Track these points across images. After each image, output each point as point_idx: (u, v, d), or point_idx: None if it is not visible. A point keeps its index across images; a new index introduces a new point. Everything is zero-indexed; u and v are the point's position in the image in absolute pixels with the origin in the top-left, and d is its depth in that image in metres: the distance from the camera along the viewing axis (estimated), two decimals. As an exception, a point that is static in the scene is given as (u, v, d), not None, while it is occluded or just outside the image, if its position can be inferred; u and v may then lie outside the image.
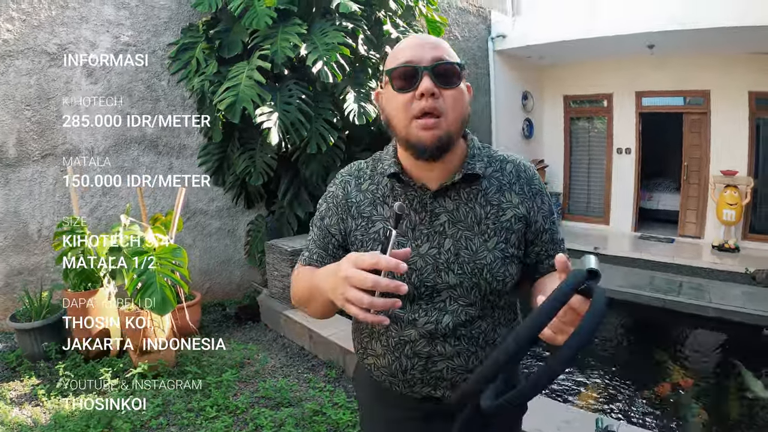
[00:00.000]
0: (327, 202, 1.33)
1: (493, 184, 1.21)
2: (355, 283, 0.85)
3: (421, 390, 1.24)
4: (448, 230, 1.18)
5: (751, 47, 7.21)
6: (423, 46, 1.12)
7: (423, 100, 1.08)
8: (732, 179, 7.67)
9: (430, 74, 1.08)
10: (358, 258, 0.87)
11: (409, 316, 1.19)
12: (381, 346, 1.26)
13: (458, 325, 1.18)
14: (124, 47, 4.71)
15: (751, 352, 4.65)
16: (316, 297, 1.09)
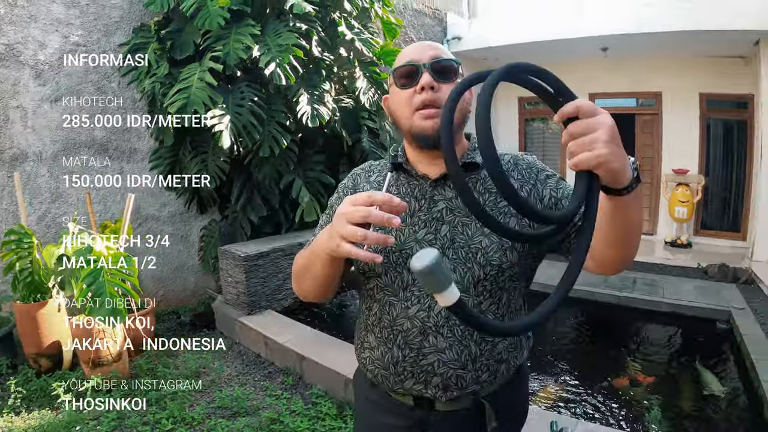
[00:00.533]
0: (338, 192, 1.40)
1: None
2: (350, 217, 0.91)
3: (412, 387, 1.24)
4: (446, 217, 1.21)
5: (702, 50, 7.46)
6: (423, 48, 1.21)
7: (423, 93, 1.16)
8: (683, 177, 7.93)
9: (429, 70, 1.16)
10: (353, 196, 0.94)
11: (402, 304, 1.21)
12: (375, 338, 1.28)
13: (451, 315, 1.16)
14: (73, 47, 4.56)
15: (705, 345, 4.78)
16: (314, 261, 1.14)
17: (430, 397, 1.24)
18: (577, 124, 0.81)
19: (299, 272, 1.26)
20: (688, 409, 3.69)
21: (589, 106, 0.81)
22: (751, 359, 3.95)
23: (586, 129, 0.80)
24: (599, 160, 0.79)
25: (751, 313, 4.98)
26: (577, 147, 0.81)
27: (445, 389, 1.22)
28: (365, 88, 5.52)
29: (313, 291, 1.25)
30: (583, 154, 0.80)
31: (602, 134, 0.80)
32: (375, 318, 1.28)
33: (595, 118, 0.81)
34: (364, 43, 5.36)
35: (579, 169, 0.81)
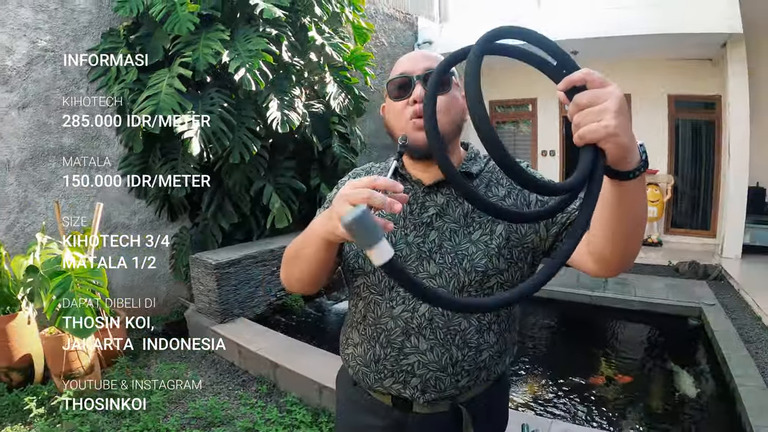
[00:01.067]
0: (337, 188, 1.41)
1: (483, 182, 1.27)
2: (351, 198, 0.88)
3: (391, 386, 1.25)
4: (435, 222, 1.22)
5: (671, 53, 7.61)
6: (417, 59, 1.22)
7: (416, 105, 1.17)
8: (653, 177, 8.05)
9: (422, 82, 1.17)
10: (355, 180, 0.93)
11: (387, 303, 1.23)
12: (359, 335, 1.31)
13: (435, 316, 1.20)
14: (42, 53, 4.47)
15: (678, 342, 4.85)
16: (308, 244, 1.13)
17: (408, 397, 1.24)
18: (585, 94, 0.76)
19: (291, 256, 1.25)
20: (663, 407, 3.72)
21: (599, 76, 0.77)
22: (723, 354, 4.01)
23: (594, 99, 0.75)
24: (608, 131, 0.73)
25: (722, 308, 5.06)
26: (583, 118, 0.75)
27: (423, 391, 1.22)
28: (336, 93, 5.53)
29: (300, 278, 1.23)
30: (591, 125, 0.75)
31: (611, 104, 0.74)
32: (360, 315, 1.30)
33: (605, 89, 0.75)
34: (334, 47, 5.36)
35: (585, 141, 0.75)
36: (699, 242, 8.01)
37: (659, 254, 7.48)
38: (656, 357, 4.63)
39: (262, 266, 4.82)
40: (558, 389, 3.89)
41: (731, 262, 6.76)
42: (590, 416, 3.54)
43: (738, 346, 4.15)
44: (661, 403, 3.77)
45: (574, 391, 3.85)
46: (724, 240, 7.11)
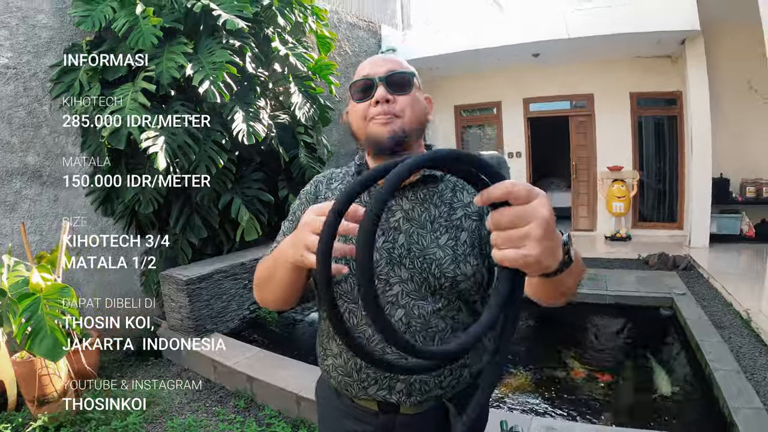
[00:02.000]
0: (300, 198, 1.40)
1: (448, 186, 1.26)
2: (314, 227, 0.91)
3: (376, 393, 1.23)
4: (402, 226, 1.22)
5: (631, 52, 7.80)
6: (378, 62, 1.26)
7: (378, 107, 1.20)
8: (619, 174, 8.23)
9: (384, 84, 1.21)
10: (317, 206, 0.95)
11: (361, 312, 1.22)
12: (337, 345, 1.29)
13: (411, 320, 1.19)
14: (3, 70, 4.38)
15: (651, 332, 4.97)
16: (275, 271, 1.15)
17: (395, 402, 1.24)
18: (505, 213, 0.68)
19: (261, 280, 1.26)
20: (641, 396, 3.77)
21: (523, 191, 0.68)
22: (696, 341, 4.10)
23: (515, 220, 0.68)
24: (527, 260, 0.68)
25: (693, 297, 5.17)
26: (502, 241, 0.69)
27: (409, 395, 1.22)
28: (301, 103, 5.52)
29: (275, 299, 1.24)
30: (510, 251, 0.68)
31: (535, 229, 0.67)
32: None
33: (529, 206, 0.68)
34: (298, 57, 5.36)
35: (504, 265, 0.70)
36: (667, 234, 8.18)
37: (628, 248, 7.61)
38: (631, 348, 4.69)
39: (233, 280, 4.78)
40: (537, 385, 3.92)
41: (699, 252, 6.92)
42: (570, 410, 3.57)
43: (711, 333, 4.24)
44: (639, 393, 3.82)
45: (553, 387, 3.88)
46: (692, 231, 7.28)
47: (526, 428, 2.82)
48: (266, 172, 5.51)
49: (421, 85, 1.32)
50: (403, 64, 1.27)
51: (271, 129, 5.14)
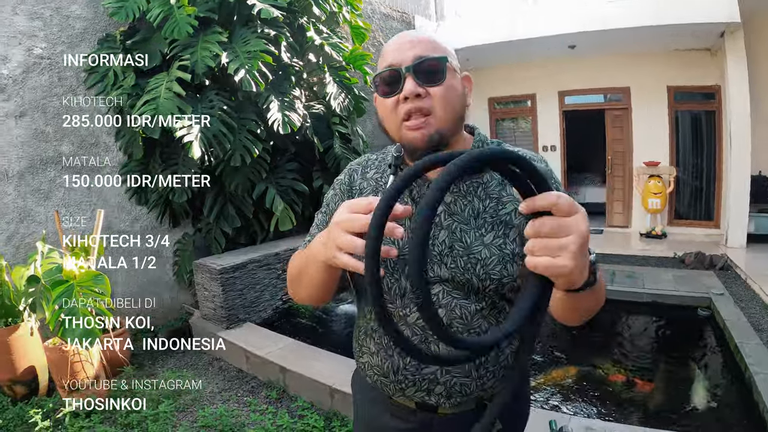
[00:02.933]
0: (334, 189, 1.31)
1: (495, 178, 1.16)
2: (347, 226, 0.84)
3: (414, 395, 1.19)
4: (444, 222, 1.13)
5: (669, 44, 7.60)
6: (404, 45, 1.10)
7: (408, 103, 1.07)
8: (655, 169, 8.06)
9: (412, 75, 1.07)
10: (352, 202, 0.88)
11: (400, 312, 1.15)
12: (374, 344, 1.23)
13: (453, 320, 1.13)
14: (37, 60, 4.42)
15: (689, 332, 4.84)
16: (309, 266, 1.08)
17: (433, 404, 1.19)
18: (547, 223, 0.72)
19: (294, 276, 1.20)
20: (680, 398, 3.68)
21: (567, 204, 0.72)
22: (735, 343, 4.00)
23: (556, 231, 0.71)
24: (561, 271, 0.71)
25: (731, 297, 5.04)
26: (540, 249, 0.72)
27: (448, 397, 1.17)
28: (335, 93, 5.49)
29: (308, 295, 1.19)
30: (545, 259, 0.72)
31: (573, 242, 0.71)
32: (375, 324, 1.22)
33: (571, 219, 0.72)
34: (333, 47, 5.33)
35: (536, 272, 0.73)
36: (703, 233, 7.99)
37: (664, 246, 7.45)
38: (669, 348, 4.61)
39: (267, 270, 4.77)
40: (575, 384, 3.85)
41: (736, 252, 6.73)
42: (608, 410, 3.50)
43: (750, 335, 4.13)
44: (679, 394, 3.73)
45: (591, 387, 3.82)
46: (729, 230, 7.10)
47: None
48: (301, 162, 5.50)
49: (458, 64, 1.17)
50: (434, 45, 1.12)
51: (305, 119, 5.12)
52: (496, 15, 8.04)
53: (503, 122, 9.94)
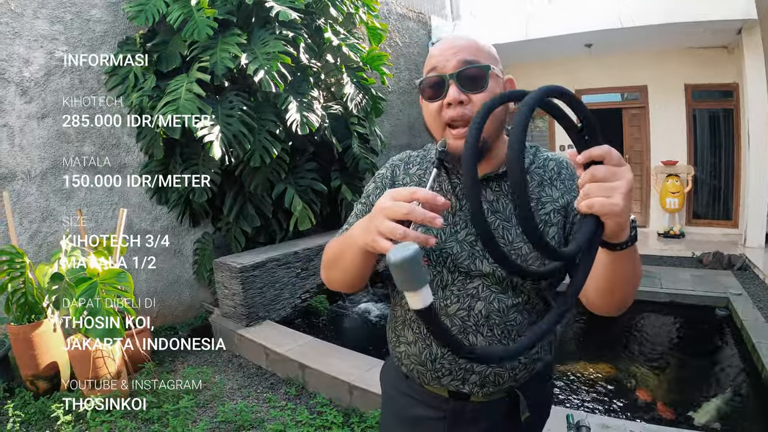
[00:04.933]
0: (375, 182, 1.34)
1: (534, 179, 1.21)
2: (390, 213, 0.86)
3: (449, 383, 1.23)
4: (488, 218, 1.16)
5: (685, 42, 7.54)
6: (448, 52, 1.13)
7: (451, 109, 1.10)
8: (673, 168, 7.99)
9: (456, 82, 1.10)
10: (395, 190, 0.89)
11: (441, 302, 1.19)
12: (413, 333, 1.27)
13: (491, 313, 1.17)
14: (58, 63, 4.49)
15: (706, 331, 4.84)
16: (346, 251, 1.09)
17: (467, 392, 1.23)
18: (601, 168, 0.80)
19: (330, 260, 1.22)
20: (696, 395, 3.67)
21: (617, 155, 0.81)
22: (753, 343, 3.99)
23: (610, 176, 0.79)
24: (614, 209, 0.78)
25: (749, 297, 5.02)
26: (596, 190, 0.79)
27: (482, 386, 1.21)
28: (353, 94, 5.53)
29: (341, 281, 1.21)
30: (600, 198, 0.79)
31: (623, 185, 0.79)
32: (413, 313, 1.20)
33: (620, 168, 0.80)
34: (350, 48, 5.36)
35: (591, 212, 0.80)
36: (721, 233, 7.91)
37: (682, 246, 7.39)
38: (687, 347, 4.60)
39: (287, 269, 4.82)
40: (592, 383, 3.86)
41: (755, 252, 6.66)
42: (624, 407, 3.52)
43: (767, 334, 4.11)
44: (694, 392, 3.72)
45: (608, 385, 3.82)
46: (747, 230, 7.02)
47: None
48: (319, 162, 5.55)
49: (501, 69, 1.19)
50: (478, 50, 1.15)
51: (324, 119, 5.16)
52: (511, 15, 8.02)
53: (520, 120, 9.89)
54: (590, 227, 0.80)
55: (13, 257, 3.61)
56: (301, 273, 4.94)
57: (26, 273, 3.63)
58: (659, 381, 3.95)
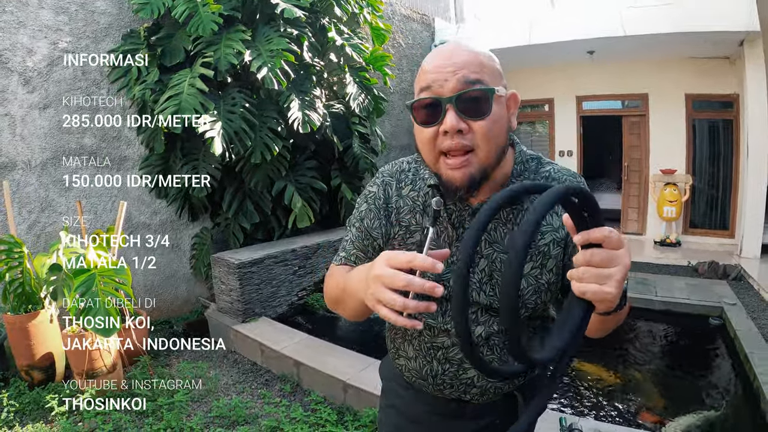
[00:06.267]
0: (368, 203, 1.24)
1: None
2: (388, 282, 0.82)
3: (450, 394, 1.23)
4: (484, 250, 1.11)
5: (687, 52, 7.56)
6: (446, 69, 0.99)
7: (448, 138, 0.99)
8: (671, 177, 8.01)
9: (454, 107, 0.98)
10: (391, 256, 0.84)
11: (441, 326, 1.17)
12: (413, 349, 1.25)
13: (491, 335, 1.15)
14: (61, 54, 4.49)
15: (699, 340, 4.86)
16: (346, 299, 1.08)
17: (468, 400, 1.24)
18: (598, 254, 0.77)
19: (333, 299, 1.18)
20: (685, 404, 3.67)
21: (617, 238, 0.78)
22: (745, 352, 4.00)
23: (606, 261, 0.77)
24: (607, 297, 0.77)
25: (743, 308, 5.04)
26: (590, 276, 0.78)
27: (482, 395, 1.22)
28: (355, 94, 5.54)
29: (351, 317, 1.17)
30: (594, 285, 0.77)
31: (618, 273, 0.77)
32: (414, 331, 1.21)
33: (618, 253, 0.78)
34: (354, 48, 5.37)
35: (584, 298, 0.79)
36: (717, 242, 7.94)
37: (678, 254, 7.42)
38: (679, 355, 4.63)
39: (284, 266, 4.82)
40: (585, 388, 3.87)
41: (750, 262, 6.69)
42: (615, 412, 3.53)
43: (761, 345, 4.12)
44: (684, 401, 3.73)
45: (601, 389, 3.83)
46: (743, 240, 7.05)
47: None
48: (320, 160, 5.56)
49: (505, 84, 1.08)
50: (481, 65, 1.02)
51: (325, 118, 5.17)
52: (515, 19, 8.03)
53: (520, 126, 9.88)
54: (579, 313, 0.80)
55: (11, 247, 3.61)
56: (299, 271, 4.95)
57: (24, 263, 3.63)
58: (649, 388, 3.96)
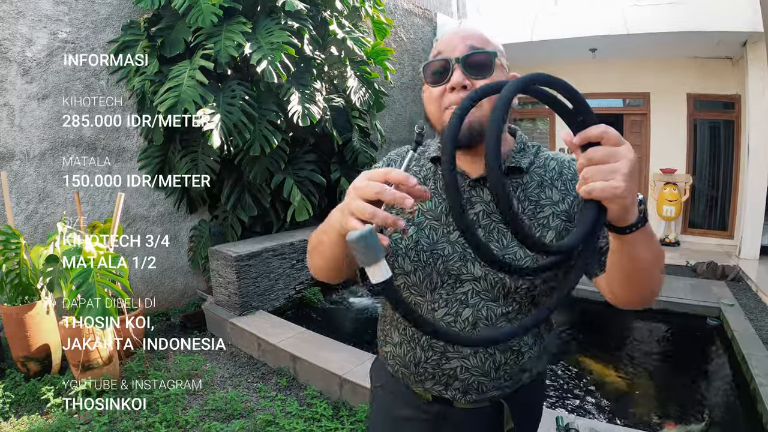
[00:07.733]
0: None
1: (534, 180, 1.16)
2: (361, 192, 0.82)
3: (432, 387, 1.22)
4: (482, 221, 1.13)
5: (690, 52, 7.55)
6: (456, 38, 1.10)
7: (453, 94, 1.07)
8: (671, 177, 8.01)
9: (461, 66, 1.07)
10: (370, 171, 0.86)
11: (429, 306, 1.17)
12: (398, 335, 1.26)
13: (478, 320, 1.13)
14: (61, 44, 4.47)
15: (697, 340, 4.85)
16: (325, 233, 1.06)
17: (450, 398, 1.21)
18: (599, 150, 0.75)
19: (313, 246, 1.17)
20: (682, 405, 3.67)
21: (615, 135, 0.76)
22: (743, 353, 4.00)
23: (607, 157, 0.75)
24: (615, 193, 0.73)
25: (741, 309, 5.05)
26: (594, 173, 0.75)
27: (465, 393, 1.19)
28: (356, 88, 5.52)
29: (319, 267, 1.18)
30: (599, 182, 0.74)
31: (624, 166, 0.74)
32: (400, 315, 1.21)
33: (620, 148, 0.75)
34: (355, 41, 5.35)
35: (591, 197, 0.76)
36: (716, 243, 7.96)
37: (676, 254, 7.41)
38: (676, 355, 4.61)
39: (282, 259, 4.81)
40: (581, 386, 3.87)
41: (749, 263, 6.70)
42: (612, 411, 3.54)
43: (758, 347, 4.13)
44: (680, 402, 3.73)
45: (599, 390, 3.83)
46: (742, 241, 7.06)
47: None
48: (319, 154, 5.54)
49: (507, 64, 1.16)
50: (486, 39, 1.12)
51: (325, 111, 5.15)
52: (517, 15, 8.01)
53: (521, 123, 9.89)
54: (591, 214, 0.77)
55: (8, 237, 3.60)
56: (297, 264, 4.94)
57: (21, 254, 3.63)
58: (646, 387, 3.96)
